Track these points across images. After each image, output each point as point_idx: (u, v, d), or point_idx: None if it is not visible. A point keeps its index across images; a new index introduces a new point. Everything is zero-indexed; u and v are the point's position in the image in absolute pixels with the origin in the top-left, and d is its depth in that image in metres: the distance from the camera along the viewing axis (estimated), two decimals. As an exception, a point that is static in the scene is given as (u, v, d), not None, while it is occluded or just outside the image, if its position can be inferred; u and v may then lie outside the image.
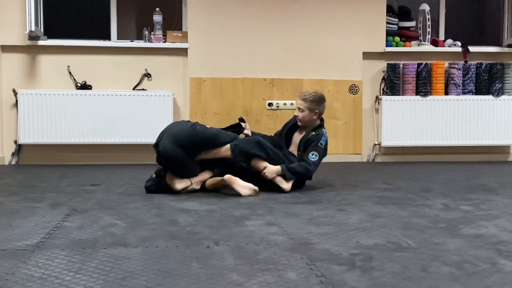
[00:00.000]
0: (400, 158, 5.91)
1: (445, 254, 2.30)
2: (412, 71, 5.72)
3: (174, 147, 3.69)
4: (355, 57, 5.80)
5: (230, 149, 3.80)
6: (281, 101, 5.71)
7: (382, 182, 4.38)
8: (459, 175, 4.88)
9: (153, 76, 5.62)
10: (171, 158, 3.70)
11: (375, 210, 3.24)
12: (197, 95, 5.63)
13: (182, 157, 3.70)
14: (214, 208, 3.28)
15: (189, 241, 2.48)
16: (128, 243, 2.44)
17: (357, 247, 2.39)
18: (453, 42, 5.98)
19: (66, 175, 4.68)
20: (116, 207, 3.28)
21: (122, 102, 5.40)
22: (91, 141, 5.39)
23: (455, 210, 3.26)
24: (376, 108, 5.90)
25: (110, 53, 5.57)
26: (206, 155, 3.82)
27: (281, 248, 2.37)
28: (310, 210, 3.23)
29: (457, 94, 5.78)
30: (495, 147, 5.92)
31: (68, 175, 4.69)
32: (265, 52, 5.70)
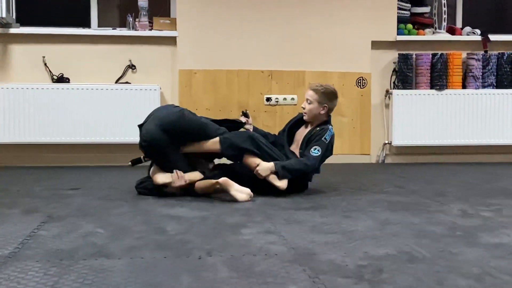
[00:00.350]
0: (412, 159, 5.91)
1: (463, 265, 2.30)
2: (426, 63, 5.73)
3: (158, 131, 3.71)
4: (362, 46, 5.81)
5: (219, 142, 3.80)
6: (281, 96, 5.71)
7: (393, 186, 4.39)
8: (478, 177, 4.89)
9: (138, 68, 5.61)
10: (153, 142, 3.72)
11: (385, 216, 3.24)
12: (187, 89, 5.62)
13: (166, 144, 3.72)
14: (207, 214, 3.27)
15: (179, 252, 2.48)
16: (110, 254, 2.43)
17: (365, 258, 2.39)
18: (472, 30, 5.99)
19: (41, 178, 4.66)
20: (97, 214, 3.27)
21: (104, 97, 5.39)
22: (69, 140, 5.38)
23: (473, 216, 3.27)
24: (386, 104, 5.90)
25: (90, 42, 5.56)
26: (192, 147, 3.83)
27: (281, 259, 2.36)
28: (313, 216, 3.23)
29: (476, 87, 5.79)
30: (518, 146, 5.94)
31: (43, 178, 4.67)
32: (263, 41, 5.70)
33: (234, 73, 5.68)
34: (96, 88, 5.40)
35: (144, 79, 5.59)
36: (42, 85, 5.37)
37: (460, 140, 5.79)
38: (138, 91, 5.44)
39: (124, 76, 5.60)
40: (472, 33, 5.97)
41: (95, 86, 5.41)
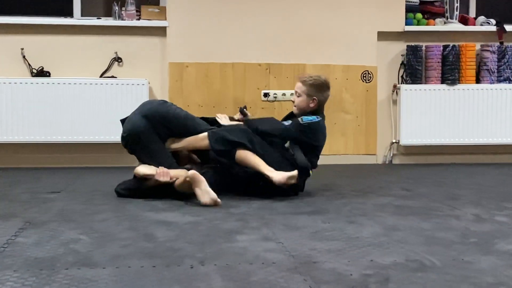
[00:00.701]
0: (422, 159, 5.92)
1: (476, 274, 2.30)
2: (436, 55, 5.74)
3: (139, 118, 3.80)
4: (368, 38, 5.81)
5: (208, 136, 3.81)
6: (279, 91, 5.72)
7: (401, 188, 4.39)
8: (493, 179, 4.90)
9: (125, 60, 5.61)
10: (134, 131, 3.79)
11: (392, 222, 3.24)
12: (178, 84, 5.62)
13: (148, 133, 3.77)
14: (199, 219, 3.27)
15: (169, 260, 2.48)
16: (94, 263, 2.43)
17: (371, 267, 2.39)
18: (486, 19, 5.99)
19: (20, 181, 4.65)
20: (80, 219, 3.27)
21: (87, 92, 5.39)
22: (49, 139, 5.37)
23: (488, 221, 3.27)
24: (394, 100, 5.91)
25: (73, 33, 5.55)
26: (178, 144, 3.87)
27: (280, 268, 2.36)
28: (314, 222, 3.23)
29: (490, 82, 5.80)
30: (536, 146, 5.95)
31: (21, 181, 4.67)
32: (261, 31, 5.70)
33: (229, 66, 5.68)
34: (79, 83, 5.39)
35: (131, 73, 5.59)
36: (20, 79, 5.36)
37: (473, 139, 5.80)
38: (125, 86, 5.44)
39: (110, 70, 5.59)
40: (486, 23, 5.98)
41: (78, 81, 5.40)
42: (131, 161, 5.54)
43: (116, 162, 5.49)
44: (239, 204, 3.71)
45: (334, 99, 5.72)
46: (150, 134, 3.79)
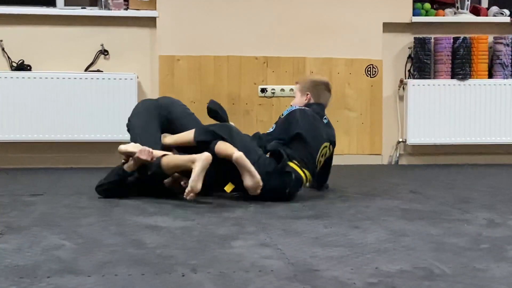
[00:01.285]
0: (430, 160, 5.93)
1: (488, 283, 2.31)
2: (446, 48, 5.74)
3: (154, 101, 4.39)
4: (373, 29, 5.81)
5: (194, 131, 4.02)
6: (278, 86, 5.72)
7: (408, 191, 4.40)
8: (506, 181, 4.90)
9: (112, 53, 5.60)
10: (137, 105, 4.44)
11: (399, 226, 3.25)
12: (169, 78, 5.62)
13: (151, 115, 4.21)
14: (191, 224, 3.27)
15: (159, 268, 2.47)
16: (79, 270, 2.43)
17: (376, 275, 2.39)
18: (499, 10, 6.00)
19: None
20: (63, 224, 3.26)
21: (71, 87, 5.38)
22: (30, 138, 5.36)
23: (501, 226, 3.28)
24: (400, 96, 5.91)
25: (55, 23, 5.54)
26: (170, 140, 4.15)
27: (278, 276, 2.37)
28: (315, 226, 3.23)
29: (504, 77, 5.81)
30: (552, 145, 5.96)
31: (0, 182, 4.66)
32: (257, 22, 5.70)
33: (224, 59, 5.68)
34: (62, 77, 5.38)
35: (118, 66, 5.58)
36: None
37: (485, 138, 5.81)
38: (112, 80, 5.43)
39: (95, 63, 5.58)
40: (500, 13, 5.99)
41: (61, 75, 5.39)
42: (117, 161, 5.55)
43: (102, 163, 5.48)
44: (235, 208, 3.72)
45: (336, 95, 5.72)
46: (151, 112, 4.21)
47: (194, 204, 3.81)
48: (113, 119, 5.37)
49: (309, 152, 3.96)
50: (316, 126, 4.05)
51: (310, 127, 4.01)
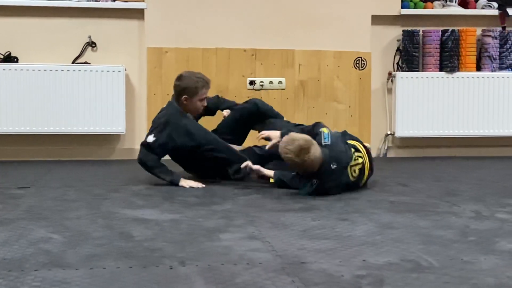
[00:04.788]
0: (419, 152, 5.94)
1: (476, 275, 2.32)
2: (435, 41, 5.75)
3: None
4: (361, 22, 5.81)
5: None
6: (266, 79, 5.71)
7: (396, 183, 4.41)
8: (494, 173, 4.92)
9: (99, 45, 5.57)
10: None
11: (387, 219, 3.26)
12: (157, 71, 5.60)
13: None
14: (179, 217, 3.27)
15: (147, 261, 2.47)
16: (67, 264, 2.42)
17: (364, 267, 2.40)
18: (488, 2, 6.01)
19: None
20: (51, 217, 3.25)
21: (59, 79, 5.35)
22: (17, 130, 5.33)
23: (489, 219, 3.29)
24: (389, 88, 5.92)
25: (42, 15, 5.51)
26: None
27: (266, 269, 2.37)
28: (303, 219, 3.24)
29: (492, 69, 5.82)
30: (540, 138, 5.99)
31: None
32: (246, 15, 5.68)
33: (212, 52, 5.66)
34: (49, 69, 5.35)
35: (106, 58, 5.55)
36: (-14, 65, 5.32)
37: (473, 130, 5.83)
38: (99, 72, 5.41)
39: (83, 55, 5.56)
40: (488, 6, 6.00)
41: (48, 67, 5.36)
42: (105, 154, 5.55)
43: (90, 155, 5.46)
44: (223, 201, 3.72)
45: (325, 87, 5.74)
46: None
47: (182, 197, 3.80)
48: (101, 111, 5.35)
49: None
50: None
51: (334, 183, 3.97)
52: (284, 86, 5.69)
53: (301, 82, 5.72)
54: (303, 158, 3.77)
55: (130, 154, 5.57)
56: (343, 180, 3.93)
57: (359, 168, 4.02)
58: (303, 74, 5.73)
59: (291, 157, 3.80)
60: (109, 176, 4.66)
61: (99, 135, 5.45)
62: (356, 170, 4.00)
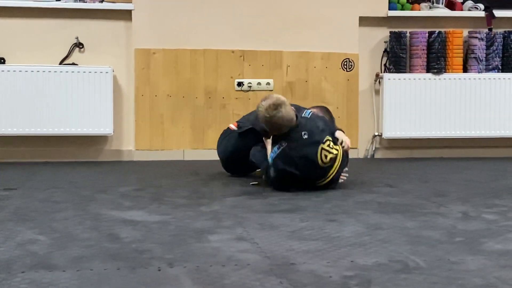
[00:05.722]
0: (406, 153, 5.96)
1: (463, 275, 2.33)
2: (422, 42, 5.77)
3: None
4: (349, 23, 5.82)
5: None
6: (255, 80, 5.71)
7: (384, 184, 4.42)
8: (481, 174, 4.95)
9: (87, 46, 5.56)
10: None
11: (375, 220, 3.26)
12: (145, 72, 5.59)
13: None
14: (167, 219, 3.26)
15: (135, 262, 2.47)
16: (54, 265, 2.41)
17: (352, 268, 2.40)
18: (474, 4, 6.04)
19: (-28, 177, 4.61)
20: (38, 218, 3.24)
21: (46, 80, 5.33)
22: (3, 132, 5.31)
23: (476, 219, 3.31)
24: (376, 89, 5.94)
25: (30, 16, 5.49)
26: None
27: (254, 270, 2.37)
28: (291, 220, 3.24)
29: (478, 71, 5.85)
30: (526, 139, 6.02)
31: (-26, 177, 4.62)
32: (234, 16, 5.68)
33: (200, 53, 5.66)
34: (36, 71, 5.33)
35: (93, 59, 5.54)
36: (-28, 66, 5.29)
37: (460, 131, 5.85)
38: (87, 73, 5.39)
39: (70, 57, 5.54)
40: (474, 8, 6.03)
41: (35, 68, 5.34)
42: (93, 155, 5.53)
43: (77, 157, 5.45)
44: (212, 202, 3.71)
45: (313, 88, 5.75)
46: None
47: (170, 198, 3.80)
48: (88, 112, 5.34)
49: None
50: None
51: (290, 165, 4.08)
52: (272, 88, 5.70)
53: (289, 84, 5.73)
54: (272, 113, 3.98)
55: (117, 155, 5.57)
56: (309, 155, 4.00)
57: (331, 157, 4.06)
58: (291, 75, 5.74)
59: (262, 111, 4.03)
60: (96, 178, 4.65)
61: (86, 136, 5.43)
62: (327, 156, 4.04)
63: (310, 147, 4.01)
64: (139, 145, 5.59)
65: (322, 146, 4.03)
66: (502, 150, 6.03)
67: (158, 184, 4.34)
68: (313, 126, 4.09)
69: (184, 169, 5.06)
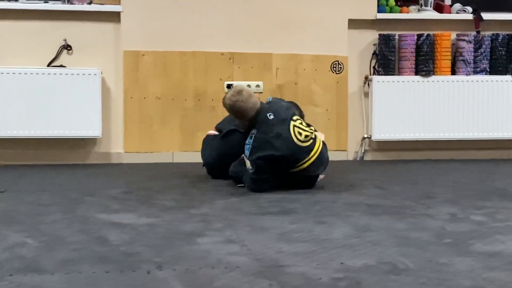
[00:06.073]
0: (395, 156, 5.98)
1: (452, 277, 2.34)
2: (410, 45, 5.79)
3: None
4: (338, 26, 5.84)
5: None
6: (244, 82, 5.71)
7: (373, 186, 4.43)
8: (469, 176, 4.97)
9: (75, 48, 5.54)
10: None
11: (364, 222, 3.27)
12: (134, 74, 5.58)
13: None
14: (156, 221, 3.26)
15: (124, 265, 2.46)
16: (42, 268, 2.40)
17: (342, 270, 2.41)
18: (462, 7, 6.07)
19: (-41, 180, 4.58)
20: (26, 221, 3.23)
21: (34, 83, 5.31)
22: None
23: (464, 221, 3.32)
24: (366, 92, 5.95)
25: (17, 18, 5.46)
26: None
27: (244, 273, 2.37)
28: (281, 223, 3.24)
29: (467, 73, 5.87)
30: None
31: (-39, 180, 4.59)
32: (223, 18, 5.68)
33: (189, 55, 5.65)
34: (24, 73, 5.31)
35: (82, 61, 5.52)
36: (-40, 68, 5.26)
37: (449, 133, 5.87)
38: (75, 76, 5.37)
39: (58, 58, 5.52)
40: (462, 11, 6.05)
41: (23, 70, 5.31)
42: (81, 158, 5.51)
43: (66, 159, 5.42)
44: (201, 204, 3.71)
45: (303, 91, 5.75)
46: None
47: (159, 201, 3.79)
48: (76, 115, 5.31)
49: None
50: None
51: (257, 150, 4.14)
52: (262, 90, 5.69)
53: (278, 86, 5.73)
54: (234, 99, 4.21)
55: (106, 158, 5.55)
56: (282, 132, 4.09)
57: (306, 135, 4.16)
58: (280, 77, 5.74)
59: (226, 101, 4.28)
60: (85, 180, 4.63)
61: (74, 139, 5.41)
62: (302, 134, 4.15)
63: (280, 125, 4.12)
64: (128, 148, 5.57)
65: (293, 123, 4.16)
66: (490, 152, 6.05)
67: (147, 186, 4.33)
68: (277, 106, 4.26)
69: (173, 171, 5.05)
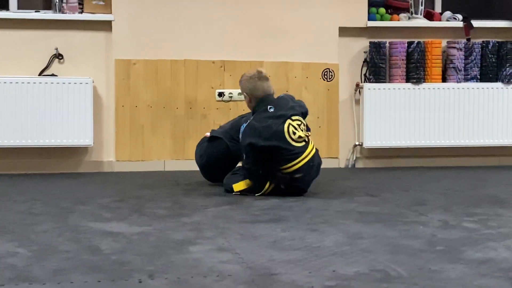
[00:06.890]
0: (387, 163, 5.99)
1: (444, 284, 2.34)
2: (401, 52, 5.81)
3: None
4: (329, 33, 5.85)
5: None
6: (235, 90, 5.71)
7: (365, 194, 4.43)
8: (460, 183, 4.98)
9: (66, 57, 5.54)
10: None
11: (356, 229, 3.27)
12: (125, 82, 5.57)
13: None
14: (148, 230, 3.25)
15: (115, 274, 2.45)
16: (33, 278, 2.39)
17: (333, 278, 2.41)
18: (453, 15, 6.10)
19: (-50, 189, 4.57)
20: (17, 230, 3.21)
21: (25, 92, 5.30)
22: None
23: (456, 228, 3.33)
24: (357, 99, 5.96)
25: (8, 27, 5.46)
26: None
27: (236, 281, 2.36)
28: (273, 230, 3.24)
29: (457, 81, 5.90)
30: (505, 147, 6.07)
31: (-48, 189, 4.58)
32: (214, 26, 5.69)
33: (180, 63, 5.65)
34: (15, 82, 5.30)
35: (73, 70, 5.52)
36: (-50, 77, 5.25)
37: (440, 141, 5.89)
38: (67, 84, 5.37)
39: (50, 67, 5.51)
40: (453, 18, 6.08)
41: (14, 79, 5.31)
42: (72, 167, 5.50)
43: (57, 168, 5.41)
44: (192, 213, 3.71)
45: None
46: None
47: (150, 209, 3.78)
48: (68, 123, 5.31)
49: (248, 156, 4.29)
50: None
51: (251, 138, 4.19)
52: (253, 98, 5.69)
53: (269, 94, 5.73)
54: (260, 75, 4.33)
55: (97, 166, 5.54)
56: (274, 126, 4.15)
57: (299, 135, 4.21)
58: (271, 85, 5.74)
59: (250, 73, 4.39)
60: (76, 189, 4.62)
61: (66, 147, 5.40)
62: (296, 133, 4.19)
63: (275, 119, 4.19)
64: (119, 156, 5.56)
65: (289, 122, 4.21)
66: (481, 159, 6.07)
67: (138, 195, 4.32)
68: (282, 103, 4.32)
69: (165, 179, 5.04)
